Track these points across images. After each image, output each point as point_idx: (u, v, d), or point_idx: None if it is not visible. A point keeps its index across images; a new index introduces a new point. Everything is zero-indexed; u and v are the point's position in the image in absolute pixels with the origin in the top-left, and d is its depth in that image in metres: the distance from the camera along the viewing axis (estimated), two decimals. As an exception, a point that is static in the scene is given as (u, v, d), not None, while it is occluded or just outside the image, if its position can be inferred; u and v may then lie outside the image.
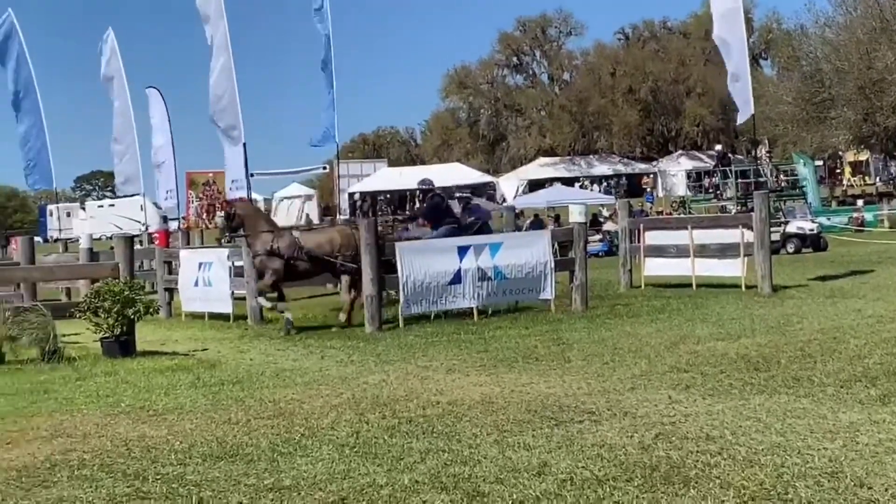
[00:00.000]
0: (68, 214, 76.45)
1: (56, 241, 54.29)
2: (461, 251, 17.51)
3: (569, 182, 68.67)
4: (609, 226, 43.25)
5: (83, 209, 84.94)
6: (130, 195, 46.04)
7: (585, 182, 73.18)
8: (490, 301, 17.73)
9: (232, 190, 34.18)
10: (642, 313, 16.95)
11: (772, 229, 22.11)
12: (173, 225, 44.49)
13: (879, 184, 69.94)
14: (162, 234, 36.05)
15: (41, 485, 7.24)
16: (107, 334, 14.33)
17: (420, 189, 21.05)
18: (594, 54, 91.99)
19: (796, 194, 42.44)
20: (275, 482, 7.03)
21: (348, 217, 44.74)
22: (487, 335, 15.06)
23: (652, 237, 22.48)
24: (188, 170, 61.52)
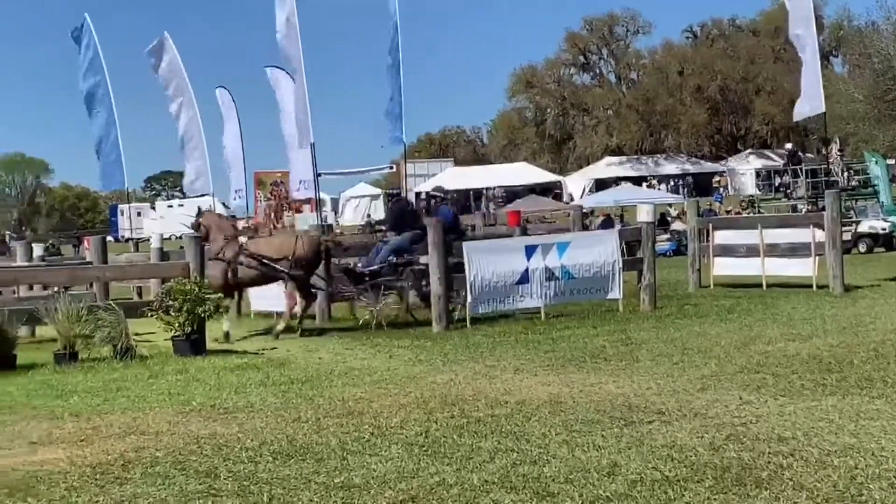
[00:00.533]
0: (139, 214, 77.13)
1: (127, 241, 54.77)
2: (529, 250, 17.50)
3: (636, 181, 68.27)
4: (677, 225, 42.96)
5: (153, 209, 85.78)
6: (200, 195, 46.40)
7: (652, 181, 72.60)
8: (557, 301, 17.68)
9: (300, 190, 34.38)
10: (711, 313, 16.84)
11: (843, 229, 21.88)
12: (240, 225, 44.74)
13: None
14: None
15: (115, 481, 7.33)
16: (177, 333, 14.49)
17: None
18: (662, 53, 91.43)
19: (868, 193, 41.71)
20: (345, 480, 7.06)
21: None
22: (555, 335, 15.04)
23: (721, 237, 22.36)
24: (256, 170, 61.94)
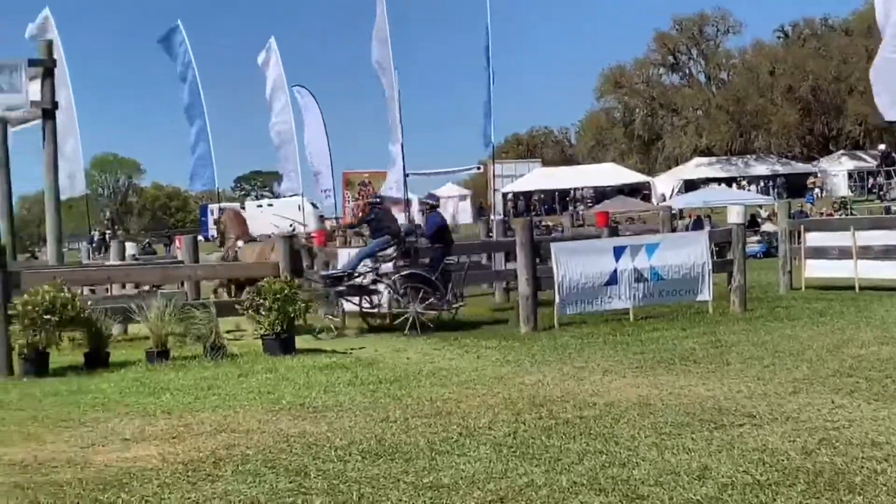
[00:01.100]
0: (228, 214, 77.94)
1: (216, 240, 55.48)
2: (617, 251, 17.43)
3: (725, 182, 67.61)
4: (767, 227, 42.40)
5: (243, 209, 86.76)
6: (290, 195, 46.91)
7: (743, 182, 71.76)
8: (646, 302, 17.57)
9: (392, 189, 34.62)
10: (803, 316, 16.61)
11: (939, 230, 21.42)
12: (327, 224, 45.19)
13: None
14: (319, 234, 36.59)
15: (207, 479, 7.44)
16: (267, 332, 14.62)
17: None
18: (752, 53, 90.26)
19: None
20: (433, 480, 7.09)
21: (502, 217, 44.67)
22: (643, 336, 14.95)
23: (813, 238, 22.03)
24: (345, 170, 62.42)
